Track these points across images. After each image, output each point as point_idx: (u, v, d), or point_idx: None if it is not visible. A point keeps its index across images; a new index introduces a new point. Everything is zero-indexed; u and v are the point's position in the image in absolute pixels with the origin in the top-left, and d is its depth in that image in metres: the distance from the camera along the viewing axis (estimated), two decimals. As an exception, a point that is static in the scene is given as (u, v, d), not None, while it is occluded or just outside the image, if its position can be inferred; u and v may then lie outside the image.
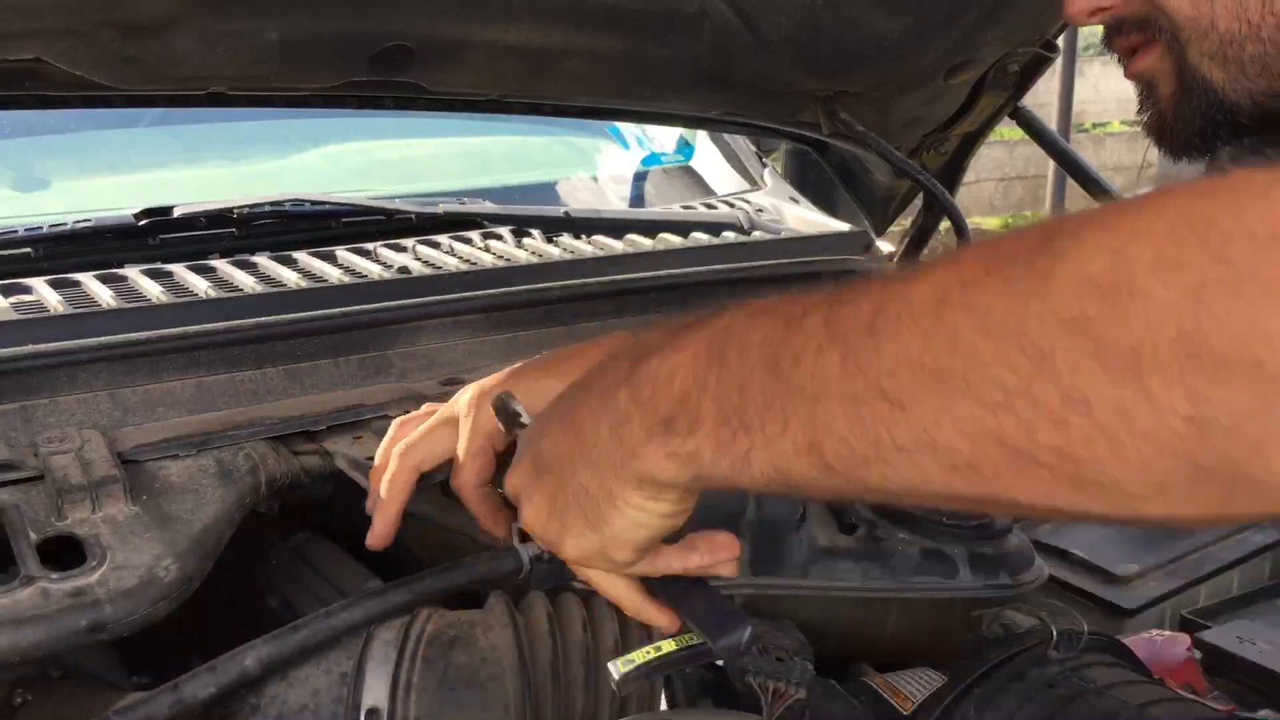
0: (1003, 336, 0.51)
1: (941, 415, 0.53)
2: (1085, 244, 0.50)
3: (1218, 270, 0.46)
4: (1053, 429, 0.50)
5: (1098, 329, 0.48)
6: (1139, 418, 0.48)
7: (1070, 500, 0.52)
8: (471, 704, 0.86)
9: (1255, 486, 0.47)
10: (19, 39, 1.00)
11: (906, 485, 0.56)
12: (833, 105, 1.46)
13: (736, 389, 0.61)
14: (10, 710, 0.91)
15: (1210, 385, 0.46)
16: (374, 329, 1.28)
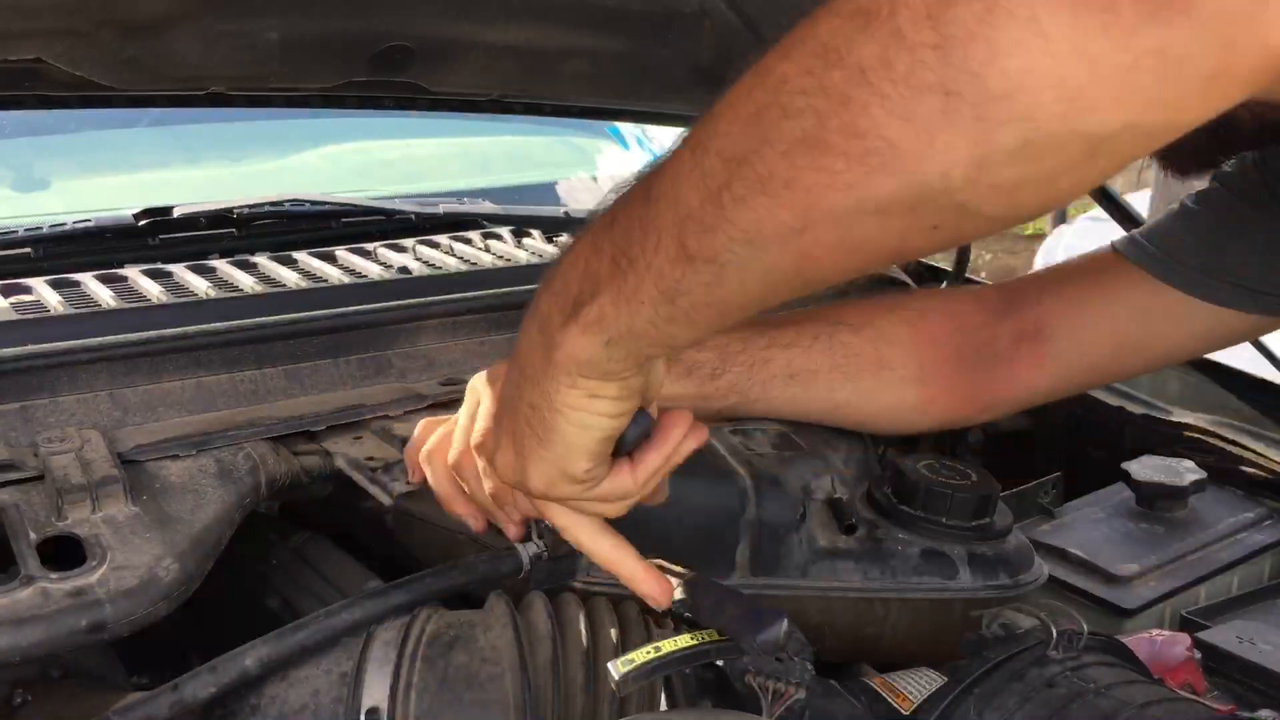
0: (800, 51, 0.55)
1: (762, 144, 0.56)
2: None
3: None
4: (839, 109, 0.53)
5: (863, 4, 0.52)
6: (898, 64, 0.51)
7: (867, 184, 0.54)
8: (471, 704, 0.86)
9: (999, 99, 0.49)
10: (19, 39, 1.00)
11: (747, 240, 0.59)
12: (833, 105, 1.46)
13: (622, 234, 0.66)
14: (10, 710, 0.91)
15: (946, 6, 0.49)
16: (374, 329, 1.28)
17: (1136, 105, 0.49)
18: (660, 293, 0.63)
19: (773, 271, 0.60)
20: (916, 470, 1.08)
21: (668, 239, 0.62)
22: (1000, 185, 0.53)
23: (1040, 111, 0.49)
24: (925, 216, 0.55)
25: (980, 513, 1.07)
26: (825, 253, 0.59)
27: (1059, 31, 0.47)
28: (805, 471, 1.07)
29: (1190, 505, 1.36)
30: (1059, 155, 0.51)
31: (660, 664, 0.84)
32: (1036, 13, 0.48)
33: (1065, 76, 0.48)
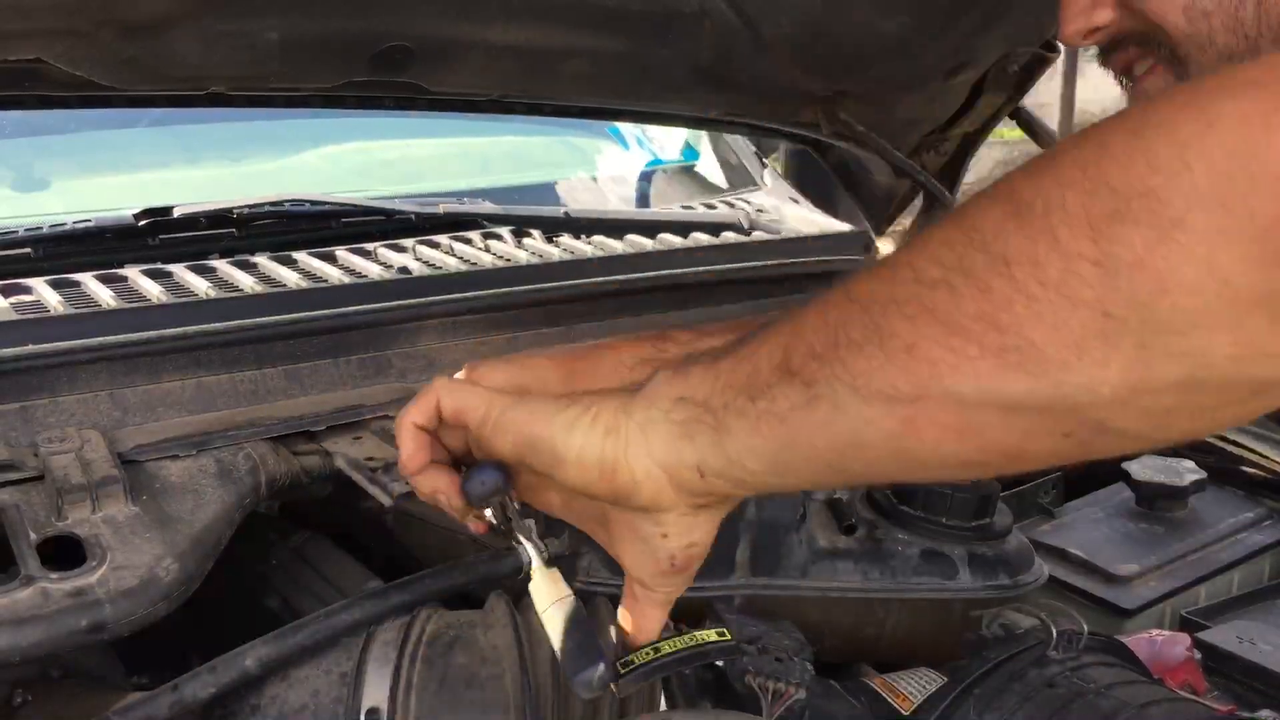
0: (949, 221, 0.54)
1: (889, 303, 0.55)
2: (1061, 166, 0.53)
3: (1120, 120, 0.50)
4: (978, 295, 0.52)
5: (1018, 191, 0.51)
6: (1049, 268, 0.49)
7: (996, 379, 0.52)
8: (471, 704, 0.86)
9: (1168, 334, 0.48)
10: (19, 39, 1.00)
11: (851, 384, 0.57)
12: (833, 105, 1.46)
13: (740, 338, 0.64)
14: (10, 710, 0.91)
15: (1110, 223, 0.48)
16: (374, 329, 1.28)
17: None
18: (747, 380, 0.61)
19: (868, 428, 0.57)
20: (916, 470, 1.08)
21: (775, 345, 0.60)
22: (1152, 410, 0.51)
23: (1213, 354, 0.48)
24: (1058, 423, 0.53)
25: (980, 513, 1.07)
26: (934, 430, 0.56)
27: (1242, 280, 0.46)
28: (805, 471, 1.07)
29: (1190, 505, 1.36)
30: (1224, 393, 0.50)
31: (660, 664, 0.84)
32: (1216, 256, 0.46)
33: (1244, 325, 0.47)
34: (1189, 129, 0.47)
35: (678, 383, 0.65)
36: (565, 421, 0.68)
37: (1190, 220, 0.46)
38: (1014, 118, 1.62)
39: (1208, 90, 0.48)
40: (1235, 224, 0.45)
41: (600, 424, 0.67)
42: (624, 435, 0.66)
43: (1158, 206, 0.47)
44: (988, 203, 0.53)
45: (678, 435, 0.64)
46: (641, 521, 0.69)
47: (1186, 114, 0.47)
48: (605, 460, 0.66)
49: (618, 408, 0.67)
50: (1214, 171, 0.46)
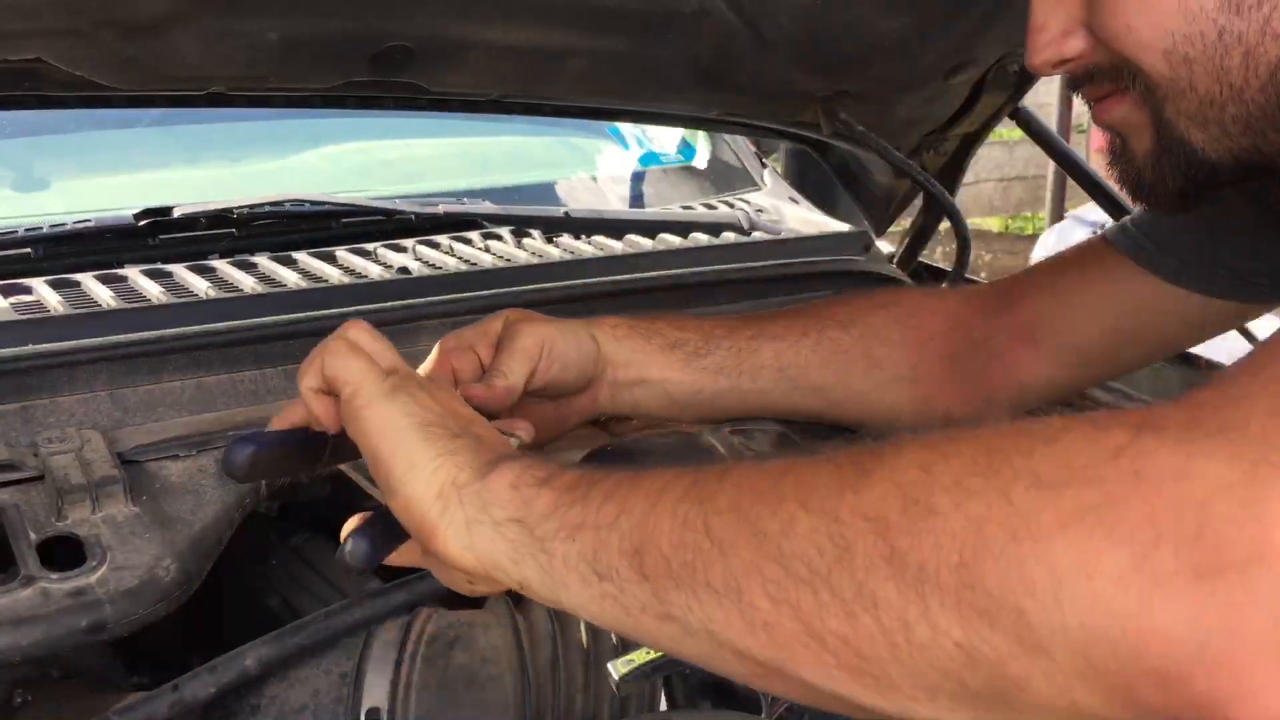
0: (818, 515, 0.54)
1: (752, 570, 0.56)
2: (904, 454, 0.54)
3: (1001, 507, 0.49)
4: (843, 618, 0.52)
5: (894, 536, 0.51)
6: (918, 631, 0.50)
7: (849, 688, 0.54)
8: (471, 704, 0.86)
9: (1016, 715, 0.50)
10: (19, 39, 1.00)
11: (706, 626, 0.58)
12: (833, 105, 1.46)
13: (591, 479, 0.65)
14: (10, 710, 0.91)
15: (980, 620, 0.49)
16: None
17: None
18: (593, 552, 0.62)
19: (721, 663, 0.59)
20: (916, 470, 1.08)
21: (629, 529, 0.61)
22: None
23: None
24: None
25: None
26: (784, 689, 0.58)
27: (1092, 707, 0.48)
28: (805, 471, 1.07)
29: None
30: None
31: (660, 664, 0.84)
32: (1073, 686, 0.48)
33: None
34: (1067, 564, 0.47)
35: (516, 503, 0.66)
36: (408, 462, 0.69)
37: (1054, 652, 0.47)
38: (1014, 118, 1.62)
39: (1087, 511, 0.47)
40: (1093, 674, 0.47)
41: (436, 483, 0.68)
42: (449, 514, 0.68)
43: (1025, 629, 0.48)
44: (861, 521, 0.53)
45: (504, 550, 0.66)
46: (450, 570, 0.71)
47: (1067, 546, 0.47)
48: (427, 521, 0.68)
49: (455, 482, 0.68)
50: (1084, 624, 0.46)
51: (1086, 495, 0.47)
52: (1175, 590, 0.45)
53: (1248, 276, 1.01)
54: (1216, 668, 0.44)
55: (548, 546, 0.64)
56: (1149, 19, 0.73)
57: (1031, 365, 1.09)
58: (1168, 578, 0.45)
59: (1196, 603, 0.45)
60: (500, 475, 0.68)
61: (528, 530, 0.65)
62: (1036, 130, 1.68)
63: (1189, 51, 0.72)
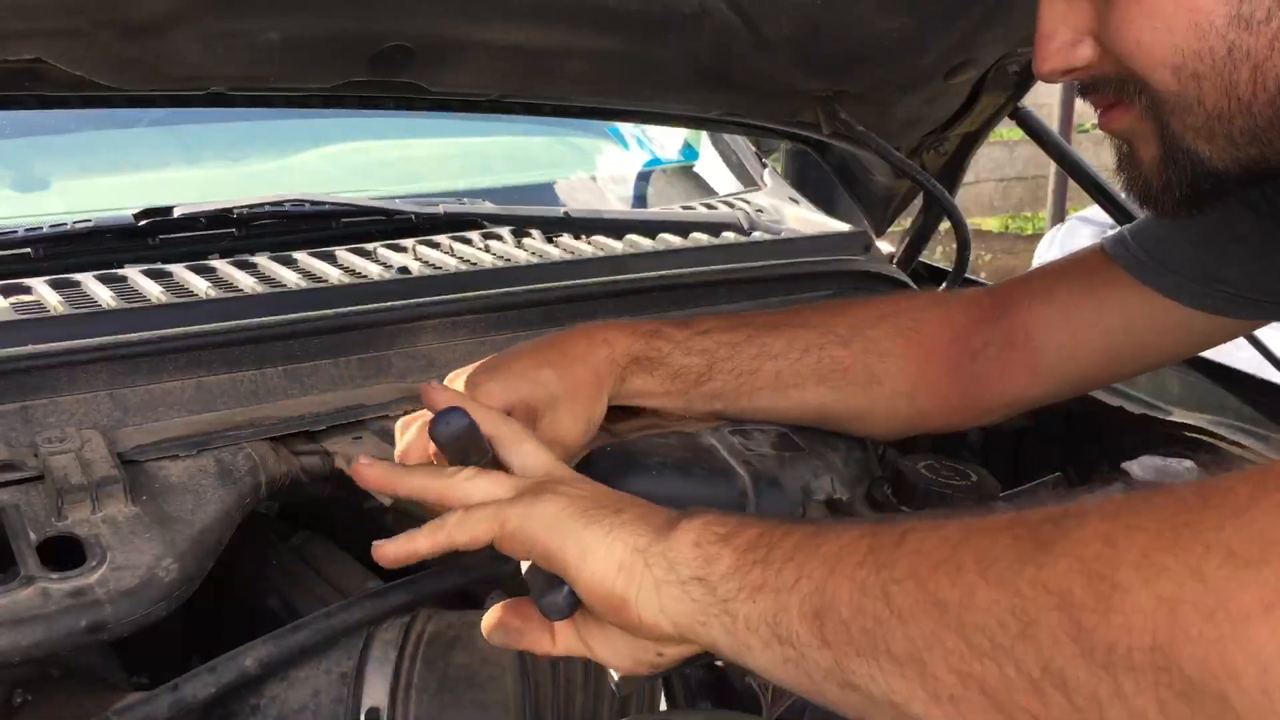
0: (999, 587, 0.53)
1: (934, 642, 0.55)
2: (1087, 525, 0.52)
3: (1194, 586, 0.47)
4: (1032, 695, 0.51)
5: (1080, 613, 0.50)
6: (1111, 711, 0.48)
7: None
8: (471, 704, 0.86)
9: None
10: (19, 39, 1.00)
11: (889, 697, 0.57)
12: (833, 105, 1.45)
13: (773, 538, 0.64)
14: (10, 710, 0.91)
15: (1179, 703, 0.46)
16: (374, 329, 1.28)
17: None
18: (773, 616, 0.62)
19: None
20: (916, 471, 1.08)
21: (809, 593, 0.60)
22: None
23: None
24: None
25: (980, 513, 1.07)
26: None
27: None
28: (805, 472, 1.07)
29: (1190, 505, 1.35)
30: None
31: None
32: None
33: None
34: (1272, 649, 0.44)
35: (700, 561, 0.66)
36: (578, 548, 0.69)
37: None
38: (1014, 118, 1.62)
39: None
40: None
41: (615, 556, 0.68)
42: (637, 580, 0.67)
43: (1231, 716, 0.45)
44: (1044, 595, 0.51)
45: (696, 612, 0.65)
46: (641, 640, 0.70)
47: (1271, 628, 0.44)
48: (615, 594, 0.68)
49: (636, 548, 0.68)
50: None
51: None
52: None
53: (1246, 293, 1.01)
54: None
55: (730, 608, 0.64)
56: (1160, 36, 0.73)
57: (1027, 374, 1.09)
58: None
59: None
60: (683, 533, 0.67)
61: (710, 590, 0.65)
62: (1036, 130, 1.68)
63: (1198, 68, 0.73)
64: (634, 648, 0.71)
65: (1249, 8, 0.70)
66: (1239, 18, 0.70)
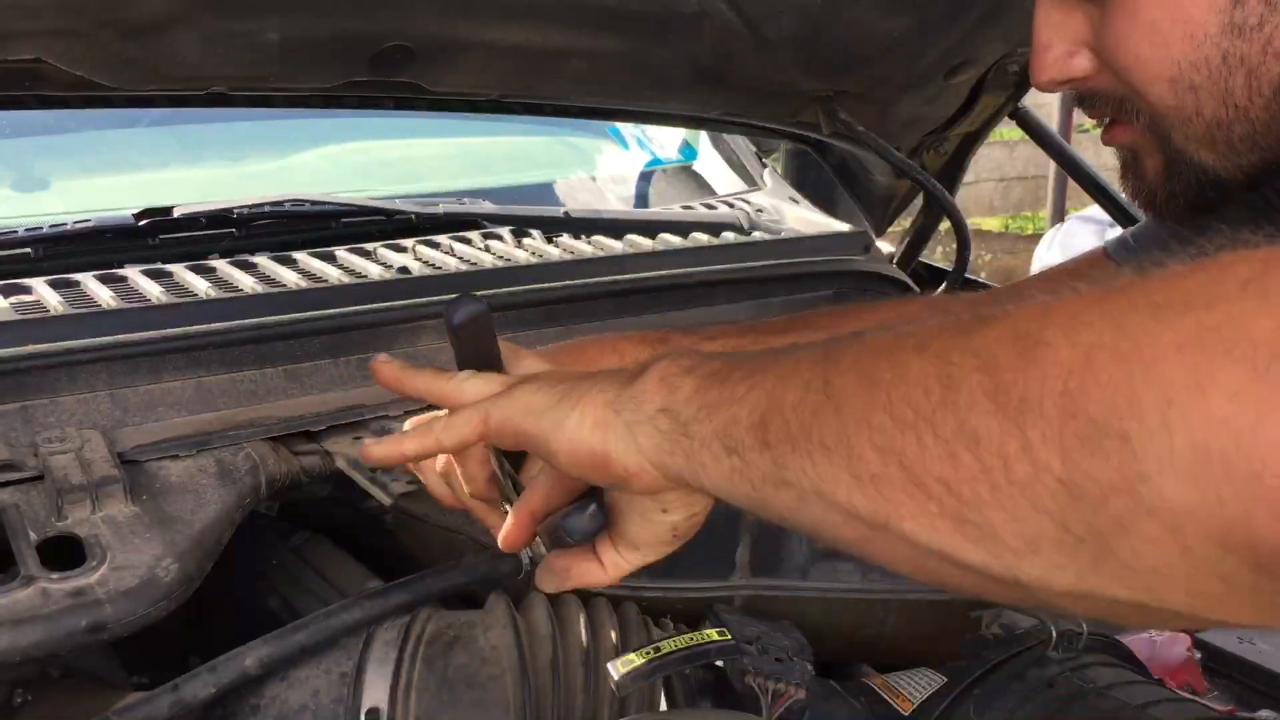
0: (931, 359, 0.53)
1: (863, 422, 0.55)
2: (1027, 306, 0.52)
3: (1112, 334, 0.47)
4: (944, 459, 0.51)
5: (1001, 370, 0.50)
6: (1018, 467, 0.48)
7: (952, 541, 0.52)
8: (471, 704, 0.86)
9: (1123, 568, 0.47)
10: (19, 39, 1.00)
11: (817, 486, 0.57)
12: (833, 105, 1.45)
13: (735, 363, 0.64)
14: (10, 710, 0.91)
15: (1082, 451, 0.46)
16: (374, 329, 1.28)
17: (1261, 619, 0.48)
18: (724, 428, 0.62)
19: (831, 528, 0.58)
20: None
21: (758, 401, 0.61)
22: (1100, 604, 0.50)
23: (1167, 597, 0.47)
24: (1010, 592, 0.53)
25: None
26: (890, 554, 0.56)
27: (1203, 552, 0.44)
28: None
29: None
30: (1176, 620, 0.51)
31: (660, 664, 0.84)
32: (1181, 524, 0.44)
33: (1200, 586, 0.46)
34: (1178, 384, 0.44)
35: (663, 392, 0.66)
36: (554, 420, 0.69)
37: (1160, 483, 0.44)
38: (1014, 118, 1.62)
39: (1208, 331, 0.44)
40: (1206, 506, 0.43)
41: (588, 418, 0.68)
42: (613, 431, 0.67)
43: (1130, 458, 0.45)
44: (970, 359, 0.51)
45: (663, 443, 0.66)
46: (642, 500, 0.71)
47: (1180, 365, 0.44)
48: (596, 453, 0.68)
49: (604, 402, 0.68)
50: (1194, 445, 0.43)
51: (1207, 318, 0.44)
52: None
53: None
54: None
55: (690, 429, 0.64)
56: (1157, 50, 0.74)
57: None
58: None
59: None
60: (649, 374, 0.67)
61: (674, 418, 0.65)
62: (1036, 130, 1.68)
63: (1194, 79, 0.73)
64: (641, 514, 0.72)
65: (1241, 14, 0.71)
66: (1232, 25, 0.71)
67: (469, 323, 0.77)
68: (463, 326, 0.77)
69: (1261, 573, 0.44)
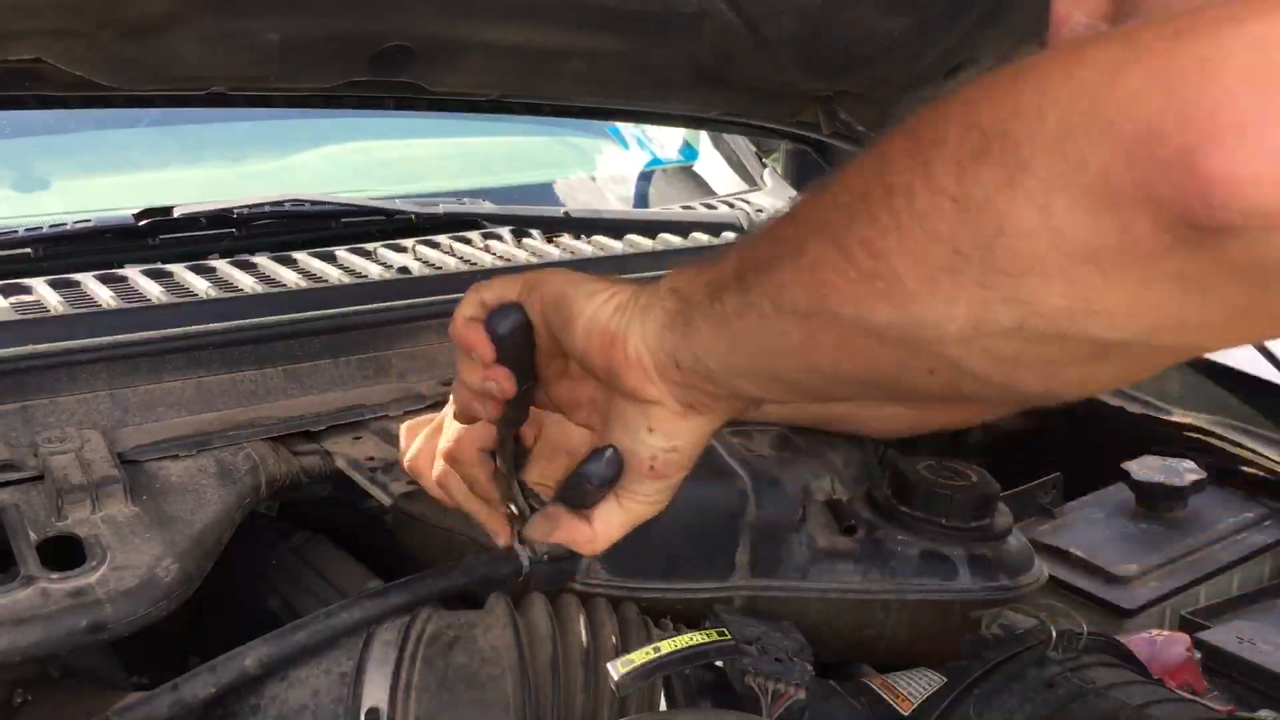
0: (874, 146, 0.55)
1: (811, 222, 0.58)
2: None
3: (1016, 63, 0.49)
4: (867, 222, 0.53)
5: (920, 124, 0.52)
6: (919, 200, 0.50)
7: (867, 304, 0.54)
8: (471, 704, 0.86)
9: (1005, 276, 0.48)
10: (19, 39, 1.00)
11: (773, 297, 0.60)
12: (833, 105, 1.46)
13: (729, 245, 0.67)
14: (10, 710, 0.91)
15: (972, 161, 0.48)
16: (374, 329, 1.28)
17: (1149, 322, 0.48)
18: (713, 280, 0.64)
19: (782, 338, 0.60)
20: (916, 471, 1.08)
21: (740, 253, 0.63)
22: (996, 355, 0.52)
23: (1046, 302, 0.48)
24: (920, 358, 0.55)
25: (980, 513, 1.07)
26: (829, 347, 0.58)
27: (1074, 230, 0.46)
28: (804, 472, 1.07)
29: (1190, 505, 1.36)
30: (1064, 348, 0.50)
31: (659, 664, 0.84)
32: (1052, 203, 0.46)
33: (1076, 276, 0.47)
34: (1053, 73, 0.47)
35: (676, 274, 0.69)
36: (589, 290, 0.72)
37: (1034, 165, 0.46)
38: (1014, 117, 1.61)
39: (1088, 40, 0.48)
40: (1071, 172, 0.45)
41: (614, 300, 0.71)
42: (629, 313, 0.69)
43: (1011, 149, 0.47)
44: (900, 135, 0.53)
45: (664, 323, 0.68)
46: (632, 412, 0.71)
47: (1058, 59, 0.47)
48: (607, 332, 0.70)
49: (634, 290, 0.71)
50: (1061, 118, 0.45)
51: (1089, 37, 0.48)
52: (1148, 51, 0.44)
53: None
54: (1190, 111, 0.42)
55: (690, 298, 0.66)
56: None
57: None
58: (1146, 43, 0.44)
59: (1167, 55, 0.43)
60: (673, 274, 0.69)
61: (680, 295, 0.67)
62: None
63: None
64: (627, 427, 0.72)
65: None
66: None
67: (513, 332, 0.77)
68: (508, 336, 0.77)
69: (1125, 232, 0.45)
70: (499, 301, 0.78)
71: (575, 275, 0.75)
